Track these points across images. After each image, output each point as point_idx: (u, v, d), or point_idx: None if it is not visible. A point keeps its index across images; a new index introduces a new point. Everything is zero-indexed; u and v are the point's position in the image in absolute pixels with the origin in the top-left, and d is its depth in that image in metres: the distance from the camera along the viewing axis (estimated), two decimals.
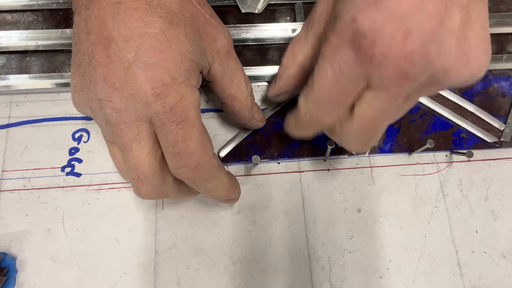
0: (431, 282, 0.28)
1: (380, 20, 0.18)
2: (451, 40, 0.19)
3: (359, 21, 0.18)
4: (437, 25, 0.18)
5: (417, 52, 0.18)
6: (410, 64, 0.18)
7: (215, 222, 0.29)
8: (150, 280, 0.27)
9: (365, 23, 0.18)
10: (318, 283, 0.28)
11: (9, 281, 0.27)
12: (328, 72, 0.20)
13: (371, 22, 0.18)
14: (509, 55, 0.33)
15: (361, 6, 0.18)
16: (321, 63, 0.21)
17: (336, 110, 0.22)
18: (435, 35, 0.18)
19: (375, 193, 0.30)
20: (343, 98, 0.21)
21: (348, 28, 0.19)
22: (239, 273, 0.28)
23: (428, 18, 0.18)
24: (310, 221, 0.29)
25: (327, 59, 0.20)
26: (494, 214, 0.30)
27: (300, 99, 0.23)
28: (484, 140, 0.32)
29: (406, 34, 0.18)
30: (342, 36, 0.19)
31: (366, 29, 0.18)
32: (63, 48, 0.31)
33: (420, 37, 0.18)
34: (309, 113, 0.23)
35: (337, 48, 0.19)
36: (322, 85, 0.21)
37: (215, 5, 0.33)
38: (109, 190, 0.29)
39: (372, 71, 0.19)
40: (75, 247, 0.28)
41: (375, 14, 0.18)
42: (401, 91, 0.20)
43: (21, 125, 0.30)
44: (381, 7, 0.18)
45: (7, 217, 0.28)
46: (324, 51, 0.20)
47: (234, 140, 0.30)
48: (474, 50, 0.20)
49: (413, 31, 0.18)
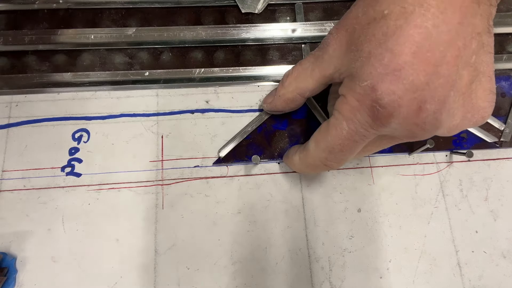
0: (431, 282, 0.28)
1: (399, 93, 0.19)
2: (459, 100, 0.20)
3: (379, 91, 0.19)
4: (449, 90, 0.19)
5: (429, 121, 0.19)
6: (421, 130, 0.20)
7: (215, 222, 0.29)
8: (150, 280, 0.27)
9: (385, 95, 0.19)
10: (318, 283, 0.28)
11: (9, 281, 0.27)
12: (344, 129, 0.21)
13: (391, 94, 0.19)
14: (509, 55, 0.33)
15: (381, 74, 0.19)
16: (337, 117, 0.22)
17: (345, 158, 0.23)
18: (446, 101, 0.19)
19: (375, 193, 0.30)
20: (355, 149, 0.22)
21: (367, 95, 0.20)
22: (239, 273, 0.28)
23: (442, 85, 0.19)
24: (310, 221, 0.29)
25: (344, 117, 0.21)
26: (494, 214, 0.30)
27: (311, 144, 0.24)
28: (484, 140, 0.32)
29: (421, 105, 0.19)
30: (361, 101, 0.20)
31: (385, 101, 0.19)
32: (63, 48, 0.31)
33: (434, 107, 0.19)
34: (318, 158, 0.24)
35: (355, 111, 0.20)
36: (336, 138, 0.22)
37: (215, 5, 0.33)
38: (109, 190, 0.29)
39: (385, 131, 0.21)
40: (75, 247, 0.28)
41: (395, 87, 0.19)
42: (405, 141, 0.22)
43: (21, 125, 0.30)
44: (400, 78, 0.19)
45: (7, 217, 0.28)
46: (341, 108, 0.21)
47: (234, 140, 0.30)
48: (480, 103, 0.21)
49: (427, 101, 0.19)
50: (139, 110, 0.31)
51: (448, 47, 0.19)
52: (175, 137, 0.31)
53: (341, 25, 0.22)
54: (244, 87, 0.32)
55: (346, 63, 0.22)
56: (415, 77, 0.18)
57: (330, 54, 0.23)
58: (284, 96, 0.27)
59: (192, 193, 0.29)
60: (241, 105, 0.31)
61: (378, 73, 0.19)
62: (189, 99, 0.31)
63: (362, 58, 0.20)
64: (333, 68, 0.23)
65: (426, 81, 0.19)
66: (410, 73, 0.18)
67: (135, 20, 0.32)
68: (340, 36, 0.22)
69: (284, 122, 0.31)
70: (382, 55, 0.19)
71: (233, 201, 0.29)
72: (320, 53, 0.24)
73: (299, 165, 0.27)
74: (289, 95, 0.27)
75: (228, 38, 0.32)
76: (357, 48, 0.21)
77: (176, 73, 0.31)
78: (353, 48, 0.21)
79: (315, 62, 0.24)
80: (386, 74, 0.19)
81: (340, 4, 0.34)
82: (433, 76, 0.19)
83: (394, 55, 0.19)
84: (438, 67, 0.19)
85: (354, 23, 0.21)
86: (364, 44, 0.20)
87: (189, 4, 0.33)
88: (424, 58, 0.18)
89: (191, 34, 0.31)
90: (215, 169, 0.30)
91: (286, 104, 0.27)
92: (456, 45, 0.19)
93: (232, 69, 0.31)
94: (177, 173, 0.30)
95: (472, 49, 0.19)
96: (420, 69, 0.18)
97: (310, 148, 0.24)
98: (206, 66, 0.32)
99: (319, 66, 0.24)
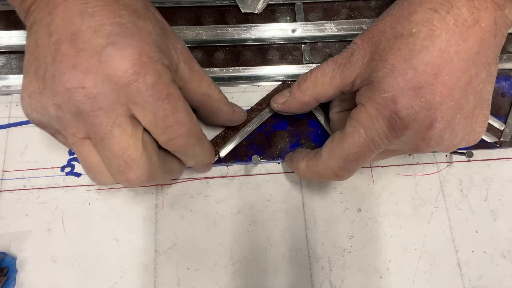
0: (431, 282, 0.28)
1: (417, 108, 0.20)
2: (463, 123, 0.22)
3: (399, 104, 0.21)
4: (456, 113, 0.21)
5: (435, 138, 0.21)
6: (426, 145, 0.22)
7: (215, 222, 0.29)
8: (150, 280, 0.27)
9: (404, 108, 0.20)
10: (318, 283, 0.28)
11: (9, 281, 0.27)
12: (362, 136, 0.22)
13: (409, 109, 0.20)
14: (509, 55, 0.33)
15: (403, 89, 0.20)
16: (354, 125, 0.23)
17: (357, 168, 0.24)
18: (452, 123, 0.21)
19: (375, 193, 0.30)
20: (366, 159, 0.23)
21: (388, 106, 0.21)
22: (239, 273, 0.28)
23: (452, 107, 0.21)
24: (310, 221, 0.29)
25: (362, 125, 0.22)
26: (494, 214, 0.30)
27: (324, 154, 0.25)
28: (484, 140, 0.32)
29: (432, 123, 0.21)
30: (380, 110, 0.21)
31: (404, 114, 0.21)
32: None
33: (442, 126, 0.21)
34: (330, 168, 0.24)
35: (373, 119, 0.22)
36: (352, 146, 0.23)
37: (215, 5, 0.33)
38: (109, 190, 0.29)
39: (395, 143, 0.22)
40: (75, 247, 0.28)
41: (414, 101, 0.20)
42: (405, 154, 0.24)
43: (21, 125, 0.30)
44: (420, 94, 0.20)
45: (7, 217, 0.28)
46: (359, 116, 0.22)
47: (234, 140, 0.30)
48: (477, 128, 0.23)
49: (437, 120, 0.21)
50: None
51: (463, 74, 0.20)
52: None
53: (367, 37, 0.23)
54: (244, 87, 0.32)
55: (368, 71, 0.23)
56: (432, 96, 0.20)
57: (354, 63, 0.24)
58: (299, 99, 0.27)
59: (192, 193, 0.29)
60: (241, 105, 0.31)
61: (400, 87, 0.20)
62: None
63: (386, 70, 0.21)
64: (355, 77, 0.24)
65: (440, 101, 0.20)
66: (428, 92, 0.20)
67: None
68: (365, 46, 0.23)
69: (284, 122, 0.31)
70: (405, 71, 0.20)
71: (233, 201, 0.29)
72: (343, 61, 0.24)
73: (305, 172, 0.27)
74: (305, 99, 0.27)
75: (228, 38, 0.32)
76: (380, 59, 0.22)
77: None
78: (376, 58, 0.22)
79: (336, 69, 0.25)
80: (407, 89, 0.20)
81: (340, 4, 0.34)
82: (447, 98, 0.20)
83: (417, 73, 0.20)
84: (453, 90, 0.20)
85: (380, 35, 0.22)
86: (388, 56, 0.21)
87: (189, 4, 0.33)
88: (442, 81, 0.20)
89: (191, 34, 0.31)
90: (215, 169, 0.30)
91: (300, 107, 0.27)
92: (470, 72, 0.20)
93: (232, 69, 0.31)
94: None
95: (482, 77, 0.21)
96: (437, 90, 0.20)
97: (323, 157, 0.24)
98: (206, 66, 0.32)
99: (341, 74, 0.24)
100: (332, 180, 0.26)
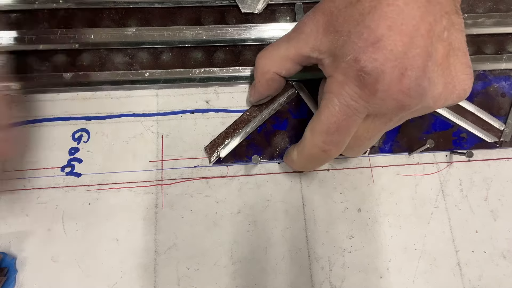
0: (431, 282, 0.28)
1: (381, 59, 0.21)
2: (438, 70, 0.22)
3: (362, 61, 0.21)
4: (426, 60, 0.21)
5: (413, 87, 0.21)
6: (407, 97, 0.21)
7: (215, 222, 0.29)
8: (150, 280, 0.27)
9: (368, 62, 0.21)
10: (318, 283, 0.28)
11: (9, 281, 0.27)
12: (336, 104, 0.22)
13: (373, 61, 0.21)
14: (509, 55, 0.33)
15: (362, 47, 0.21)
16: (327, 97, 0.23)
17: (342, 139, 0.24)
18: (426, 69, 0.21)
19: (375, 193, 0.30)
20: (349, 127, 0.23)
21: (352, 67, 0.21)
22: (239, 273, 0.28)
23: (419, 54, 0.21)
24: (310, 221, 0.29)
25: (334, 93, 0.22)
26: (494, 214, 0.30)
27: (307, 133, 0.25)
28: (484, 140, 0.32)
29: (402, 72, 0.21)
30: (347, 74, 0.22)
31: (369, 68, 0.21)
32: (63, 48, 0.31)
33: (415, 73, 0.21)
34: (316, 145, 0.24)
35: (343, 84, 0.22)
36: (329, 116, 0.23)
37: (215, 5, 0.33)
38: (109, 190, 0.29)
39: (375, 103, 0.22)
40: (75, 247, 0.28)
41: (376, 54, 0.21)
42: (396, 117, 0.23)
43: (21, 125, 0.30)
44: (379, 47, 0.20)
45: (7, 217, 0.28)
46: (330, 87, 0.23)
47: (234, 140, 0.30)
48: (459, 75, 0.23)
49: (408, 68, 0.21)
50: (139, 110, 0.31)
51: (421, 22, 0.20)
52: (175, 137, 0.31)
53: (318, 9, 0.24)
54: (244, 87, 0.32)
55: (327, 44, 0.23)
56: (393, 47, 0.20)
57: (307, 33, 0.24)
58: (263, 77, 0.28)
59: (192, 193, 0.29)
60: (241, 105, 0.31)
61: (359, 47, 0.21)
62: (189, 99, 0.32)
63: (343, 37, 0.22)
64: (311, 46, 0.24)
65: (403, 50, 0.20)
66: (388, 43, 0.20)
67: (135, 20, 0.32)
68: (318, 17, 0.24)
69: (284, 122, 0.31)
70: (360, 32, 0.21)
71: (233, 201, 0.29)
72: (295, 33, 0.25)
73: (298, 160, 0.27)
74: (267, 76, 0.27)
75: (228, 38, 0.32)
76: (336, 30, 0.22)
77: (176, 73, 0.31)
78: (331, 30, 0.23)
79: (289, 41, 0.26)
80: (366, 46, 0.21)
81: None
82: (409, 46, 0.20)
83: (371, 30, 0.21)
84: (413, 38, 0.20)
85: (331, 6, 0.23)
86: (343, 25, 0.22)
87: (189, 4, 0.33)
88: (399, 30, 0.20)
89: (191, 34, 0.31)
90: (215, 169, 0.30)
91: (267, 85, 0.28)
92: (427, 20, 0.21)
93: (232, 69, 0.31)
94: (177, 173, 0.30)
95: (443, 25, 0.22)
96: (397, 39, 0.20)
97: (306, 136, 0.25)
98: (206, 66, 0.32)
99: (295, 45, 0.25)
100: (324, 159, 0.26)
